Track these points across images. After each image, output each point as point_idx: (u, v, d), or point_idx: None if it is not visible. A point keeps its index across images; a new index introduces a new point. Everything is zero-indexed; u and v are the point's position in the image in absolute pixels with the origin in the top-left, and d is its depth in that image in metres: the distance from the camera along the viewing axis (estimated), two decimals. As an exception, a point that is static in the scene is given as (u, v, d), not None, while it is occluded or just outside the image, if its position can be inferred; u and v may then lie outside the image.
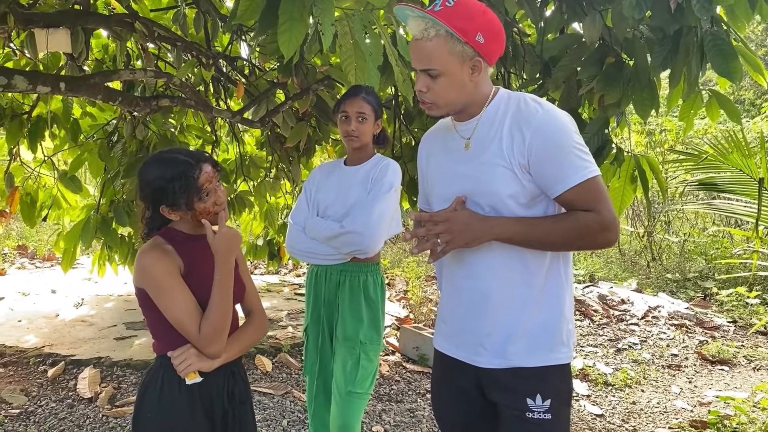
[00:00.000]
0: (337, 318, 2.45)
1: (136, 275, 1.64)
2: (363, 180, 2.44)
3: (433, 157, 1.74)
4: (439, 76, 1.52)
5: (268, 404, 3.61)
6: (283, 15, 1.80)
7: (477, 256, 1.59)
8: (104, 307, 5.65)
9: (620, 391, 4.18)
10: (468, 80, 1.54)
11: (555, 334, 1.58)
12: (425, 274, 7.49)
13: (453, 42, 1.49)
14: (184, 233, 1.70)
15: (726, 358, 4.87)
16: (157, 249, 1.62)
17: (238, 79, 4.29)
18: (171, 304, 1.58)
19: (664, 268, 8.23)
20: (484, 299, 1.59)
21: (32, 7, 3.30)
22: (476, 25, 1.49)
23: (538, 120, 1.50)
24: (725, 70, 2.26)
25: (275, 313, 5.63)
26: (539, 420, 1.53)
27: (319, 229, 2.41)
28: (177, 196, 1.60)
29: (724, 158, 3.21)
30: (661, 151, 9.09)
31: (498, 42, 1.56)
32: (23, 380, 3.82)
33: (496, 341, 1.57)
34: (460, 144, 1.63)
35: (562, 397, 1.59)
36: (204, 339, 1.59)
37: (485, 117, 1.59)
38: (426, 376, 4.24)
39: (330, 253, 2.41)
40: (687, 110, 2.78)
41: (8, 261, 8.22)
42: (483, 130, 1.58)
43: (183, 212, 1.64)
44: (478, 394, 1.65)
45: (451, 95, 1.55)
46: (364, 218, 2.32)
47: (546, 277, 1.58)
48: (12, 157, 4.31)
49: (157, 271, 1.59)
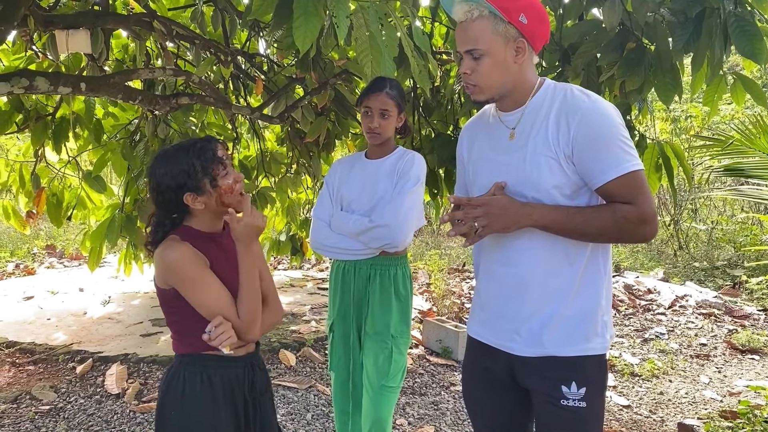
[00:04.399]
0: (367, 313, 2.43)
1: (161, 274, 1.62)
2: (389, 173, 2.42)
3: (475, 146, 1.73)
4: (483, 57, 1.52)
5: (293, 398, 3.63)
6: (297, 9, 1.79)
7: (517, 244, 1.59)
8: (131, 305, 5.73)
9: (647, 381, 4.13)
10: (512, 62, 1.54)
11: (591, 324, 1.58)
12: (447, 266, 7.47)
13: (496, 22, 1.50)
14: (201, 231, 1.68)
15: (756, 347, 4.78)
16: (177, 248, 1.60)
17: (257, 76, 4.30)
18: (206, 296, 1.58)
19: (691, 257, 8.10)
20: (522, 287, 1.59)
21: (52, 9, 3.34)
22: (519, 6, 1.50)
23: (584, 110, 1.49)
24: (750, 52, 2.20)
25: (298, 307, 5.66)
26: (574, 408, 1.54)
27: (347, 224, 2.38)
28: (201, 177, 1.60)
29: (751, 143, 3.14)
30: (686, 137, 8.94)
31: (542, 25, 1.55)
32: (53, 377, 3.89)
33: (532, 329, 1.58)
34: (504, 133, 1.62)
35: (597, 387, 1.59)
36: (244, 324, 1.61)
37: (531, 107, 1.58)
38: (449, 368, 4.23)
39: (359, 248, 2.39)
40: (711, 94, 2.72)
41: (37, 260, 8.38)
42: (528, 120, 1.57)
43: (208, 197, 1.63)
44: (510, 380, 1.67)
45: (495, 77, 1.54)
46: (393, 212, 2.31)
47: (585, 268, 1.57)
48: (38, 159, 4.38)
49: (188, 265, 1.58)
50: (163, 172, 1.61)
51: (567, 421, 1.55)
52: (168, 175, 1.60)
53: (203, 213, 1.67)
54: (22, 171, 4.59)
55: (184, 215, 1.69)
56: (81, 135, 4.45)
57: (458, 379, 4.05)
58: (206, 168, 1.60)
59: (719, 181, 8.04)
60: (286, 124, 4.48)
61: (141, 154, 4.28)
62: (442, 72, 4.01)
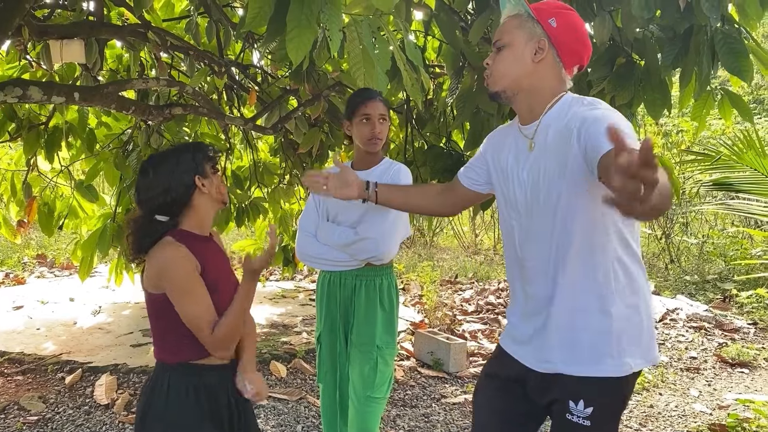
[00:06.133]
0: (353, 323, 2.44)
1: (153, 277, 1.63)
2: None
3: (503, 154, 1.70)
4: (503, 48, 1.57)
5: (283, 410, 3.62)
6: (290, 22, 1.81)
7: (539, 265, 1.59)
8: (121, 315, 5.70)
9: (638, 394, 4.13)
10: (529, 59, 1.54)
11: (601, 346, 1.53)
12: (440, 278, 7.48)
13: (526, 20, 1.55)
14: (194, 234, 1.71)
15: (746, 361, 4.80)
16: (176, 249, 1.63)
17: (251, 87, 4.32)
18: (192, 304, 1.60)
19: (682, 270, 8.14)
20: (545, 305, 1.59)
21: (47, 19, 3.35)
22: (554, 11, 1.55)
23: (592, 113, 1.46)
24: (736, 69, 2.24)
25: (290, 318, 5.65)
26: (578, 425, 1.52)
27: (333, 236, 2.39)
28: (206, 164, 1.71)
29: (739, 158, 3.18)
30: (677, 151, 9.01)
31: (572, 35, 1.55)
32: (41, 387, 3.87)
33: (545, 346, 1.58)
34: (525, 144, 1.62)
35: (607, 409, 1.55)
36: (218, 341, 1.63)
37: (546, 120, 1.56)
38: (441, 380, 4.23)
39: (345, 260, 2.40)
40: (699, 110, 2.76)
41: (28, 270, 8.33)
42: (542, 134, 1.56)
43: (209, 183, 1.70)
44: (522, 390, 1.67)
45: (509, 69, 1.56)
46: (379, 225, 2.32)
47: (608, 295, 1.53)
48: (30, 168, 4.38)
49: (180, 271, 1.60)
50: (172, 166, 1.66)
51: None
52: (182, 166, 1.67)
53: (197, 210, 1.71)
54: (13, 180, 4.59)
55: (177, 219, 1.71)
56: (74, 144, 4.45)
57: (449, 391, 4.05)
58: (212, 158, 1.73)
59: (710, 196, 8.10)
60: (279, 135, 4.50)
61: (134, 164, 4.28)
62: (435, 85, 4.04)
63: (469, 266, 8.67)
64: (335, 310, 2.46)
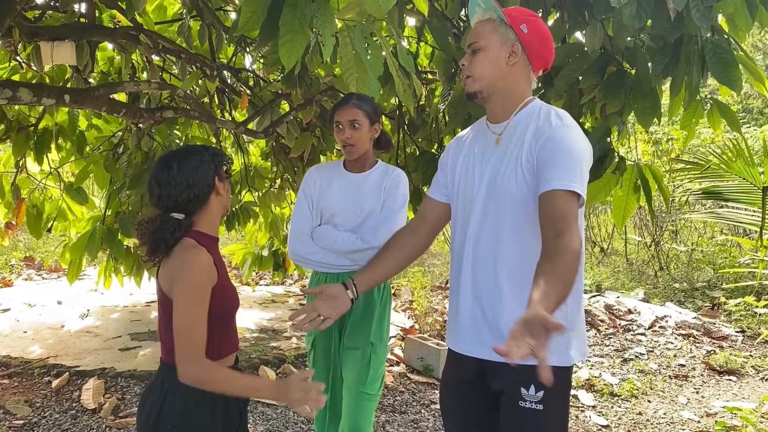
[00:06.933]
0: (347, 324, 2.44)
1: (171, 275, 1.59)
2: (374, 189, 2.43)
3: (464, 152, 1.82)
4: (479, 51, 1.67)
5: (272, 415, 3.60)
6: (283, 27, 1.81)
7: (488, 255, 1.68)
8: (109, 318, 5.66)
9: (626, 401, 4.15)
10: (504, 62, 1.66)
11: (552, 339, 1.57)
12: (430, 284, 7.48)
13: (500, 25, 1.66)
14: (210, 235, 1.71)
15: (734, 368, 4.83)
16: (199, 254, 1.60)
17: (243, 90, 4.31)
18: (193, 316, 1.56)
19: (671, 278, 8.18)
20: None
21: (38, 21, 3.34)
22: (524, 18, 1.67)
23: (555, 131, 1.60)
24: (726, 79, 2.26)
25: (279, 323, 5.63)
26: (531, 410, 1.61)
27: (336, 241, 2.38)
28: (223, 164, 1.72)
29: (728, 167, 3.21)
30: (667, 159, 9.07)
31: (542, 42, 1.69)
32: (27, 391, 3.83)
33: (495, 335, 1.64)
34: (491, 139, 1.73)
35: (556, 393, 1.63)
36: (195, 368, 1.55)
37: (515, 120, 1.69)
38: (430, 386, 4.22)
39: (345, 263, 2.40)
40: (688, 119, 2.78)
41: (15, 272, 8.26)
42: (510, 131, 1.69)
43: (224, 185, 1.72)
44: (483, 385, 1.73)
45: (486, 70, 1.67)
46: (387, 234, 2.29)
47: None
48: (18, 169, 4.34)
49: (197, 278, 1.58)
50: (197, 162, 1.66)
51: (524, 422, 1.62)
52: (206, 165, 1.67)
53: (210, 212, 1.71)
54: (2, 181, 4.55)
55: (192, 218, 1.68)
56: (63, 146, 4.42)
57: (438, 397, 4.04)
58: (224, 158, 1.74)
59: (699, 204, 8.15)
60: (270, 139, 4.49)
61: (124, 166, 4.27)
62: (428, 91, 4.04)
63: (460, 272, 8.67)
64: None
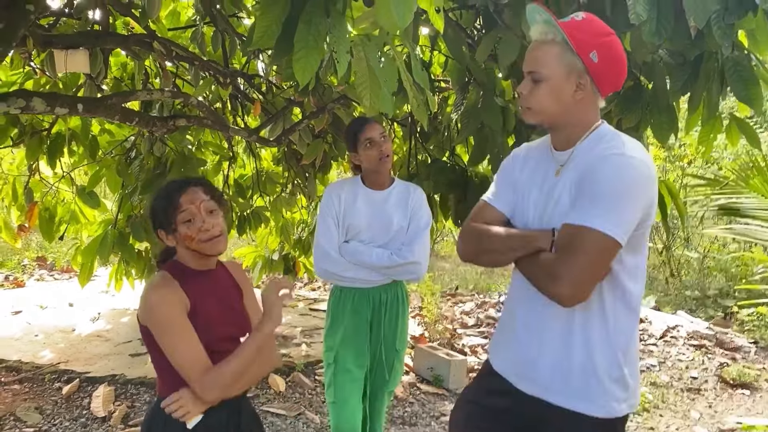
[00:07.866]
0: (378, 333, 2.56)
1: (141, 312, 1.60)
2: (398, 206, 2.55)
3: (526, 171, 1.66)
4: (542, 82, 1.48)
5: (281, 426, 3.59)
6: (298, 43, 1.79)
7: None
8: (120, 322, 5.67)
9: (638, 415, 4.10)
10: (569, 96, 1.48)
11: (584, 382, 1.50)
12: (440, 291, 7.44)
13: (566, 51, 1.46)
14: (190, 268, 1.66)
15: (747, 382, 4.76)
16: (164, 287, 1.58)
17: (256, 97, 4.31)
18: (174, 346, 1.54)
19: (683, 285, 8.10)
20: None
21: (52, 29, 3.34)
22: (595, 44, 1.45)
23: (604, 161, 1.44)
24: (746, 97, 2.22)
25: (289, 329, 5.61)
26: None
27: (369, 258, 2.47)
28: (162, 217, 1.60)
29: (746, 183, 3.16)
30: (680, 164, 8.99)
31: (614, 69, 1.50)
32: (38, 397, 3.83)
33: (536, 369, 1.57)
34: (553, 168, 1.57)
35: None
36: (208, 383, 1.53)
37: (579, 151, 1.53)
38: (440, 397, 4.20)
39: (379, 279, 2.52)
40: (706, 134, 2.74)
41: (27, 272, 8.30)
42: (571, 164, 1.53)
43: (173, 237, 1.62)
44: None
45: (547, 103, 1.50)
46: (420, 248, 2.49)
47: (580, 321, 1.51)
48: (32, 173, 4.37)
49: (163, 311, 1.55)
50: (148, 203, 1.67)
51: None
52: (148, 208, 1.69)
53: (184, 250, 1.65)
54: (15, 184, 4.57)
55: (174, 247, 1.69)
56: (76, 151, 4.44)
57: (448, 409, 4.01)
58: (166, 212, 1.59)
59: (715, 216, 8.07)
60: (282, 145, 4.48)
61: (136, 171, 4.27)
62: (440, 99, 4.02)
63: (470, 277, 8.64)
64: (362, 325, 2.54)
